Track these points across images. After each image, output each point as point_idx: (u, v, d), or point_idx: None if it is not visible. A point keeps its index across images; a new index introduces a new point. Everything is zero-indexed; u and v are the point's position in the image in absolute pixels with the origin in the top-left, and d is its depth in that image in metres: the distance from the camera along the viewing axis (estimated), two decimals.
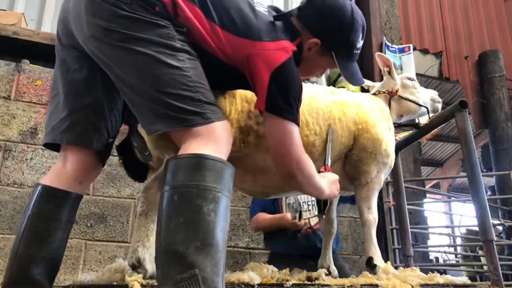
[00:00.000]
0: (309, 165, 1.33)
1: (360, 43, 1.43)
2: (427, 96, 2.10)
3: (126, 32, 1.13)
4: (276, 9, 1.43)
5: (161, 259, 1.00)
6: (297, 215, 2.44)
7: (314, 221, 2.48)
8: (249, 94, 1.57)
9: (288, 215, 2.46)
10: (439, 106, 2.15)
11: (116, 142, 1.42)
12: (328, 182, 1.50)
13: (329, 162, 1.63)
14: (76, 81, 1.29)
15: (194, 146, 1.09)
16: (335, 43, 1.39)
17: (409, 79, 2.10)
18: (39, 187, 1.28)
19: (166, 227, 1.01)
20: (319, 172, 1.53)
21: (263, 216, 2.58)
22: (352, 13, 1.38)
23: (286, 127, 1.25)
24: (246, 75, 1.28)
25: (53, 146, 1.35)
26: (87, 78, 1.28)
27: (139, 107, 1.17)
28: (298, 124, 1.29)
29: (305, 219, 2.48)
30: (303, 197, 2.57)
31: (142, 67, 1.13)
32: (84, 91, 1.29)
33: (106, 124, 1.34)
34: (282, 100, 1.24)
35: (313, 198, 2.46)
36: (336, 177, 1.57)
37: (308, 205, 2.55)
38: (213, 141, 1.11)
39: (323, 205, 1.62)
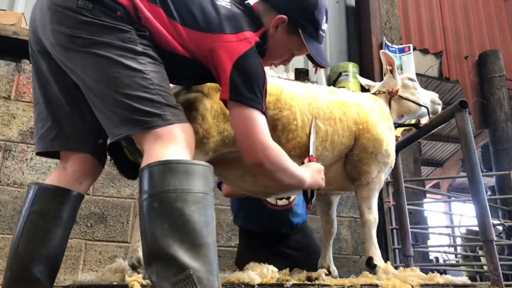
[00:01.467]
0: (278, 153, 1.32)
1: (324, 26, 1.46)
2: (427, 98, 2.10)
3: (88, 37, 1.15)
4: (239, 2, 1.44)
5: (154, 264, 1.00)
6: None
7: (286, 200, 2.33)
8: None
9: None
10: (439, 108, 2.14)
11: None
12: (311, 170, 1.48)
13: (312, 152, 1.61)
14: (53, 90, 1.31)
15: (156, 150, 1.09)
16: (302, 19, 1.41)
17: (410, 79, 2.10)
18: (38, 186, 1.29)
19: (151, 234, 1.01)
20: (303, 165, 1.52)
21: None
22: None
23: (250, 114, 1.25)
24: (211, 69, 1.29)
25: (46, 153, 1.37)
26: (62, 86, 1.29)
27: (103, 112, 1.18)
28: (264, 113, 1.29)
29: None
30: None
31: (104, 70, 1.14)
32: (62, 99, 1.31)
33: (91, 128, 1.35)
34: (246, 89, 1.24)
35: None
36: (320, 166, 1.55)
37: None
38: (174, 143, 1.11)
39: (310, 195, 1.58)
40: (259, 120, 1.26)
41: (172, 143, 1.11)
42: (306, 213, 2.44)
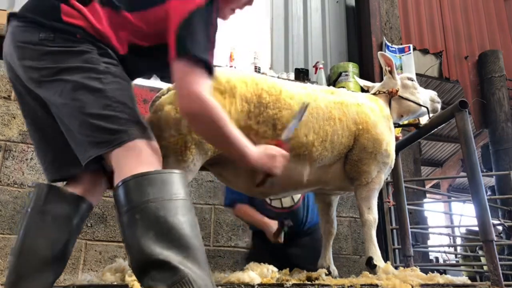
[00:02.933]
0: (218, 110, 1.21)
1: None
2: (426, 96, 2.11)
3: (53, 66, 1.17)
4: None
5: (147, 272, 1.00)
6: (282, 235, 2.16)
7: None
8: (249, 94, 1.58)
9: (273, 226, 2.20)
10: (439, 106, 2.15)
11: None
12: (263, 151, 1.34)
13: (285, 138, 1.47)
14: (44, 119, 1.30)
15: (127, 165, 1.10)
16: None
17: (409, 79, 2.10)
18: (44, 186, 1.28)
19: (138, 245, 1.01)
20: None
21: (250, 211, 2.29)
22: None
23: (192, 67, 1.18)
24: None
25: (58, 180, 1.37)
26: (48, 117, 1.28)
27: (74, 138, 1.19)
28: (209, 69, 1.20)
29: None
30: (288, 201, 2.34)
31: (69, 94, 1.15)
32: (55, 126, 1.28)
33: None
34: (191, 43, 1.19)
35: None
36: (281, 152, 1.39)
37: None
38: (144, 156, 1.12)
39: (261, 180, 1.44)
40: (200, 73, 1.18)
41: (141, 157, 1.12)
42: (317, 218, 2.42)
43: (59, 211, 1.26)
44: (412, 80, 2.10)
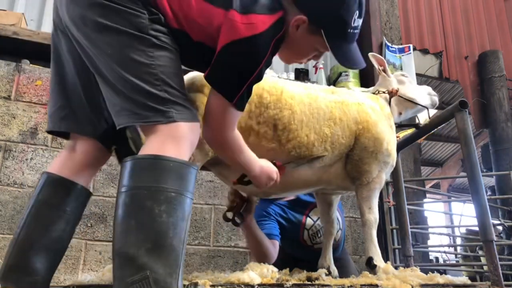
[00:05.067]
0: (236, 145, 1.32)
1: (356, 22, 1.25)
2: (424, 91, 2.14)
3: (99, 20, 1.12)
4: None
5: (114, 261, 1.00)
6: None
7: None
8: None
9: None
10: (436, 99, 2.18)
11: None
12: (265, 169, 1.47)
13: (289, 167, 1.58)
14: (70, 70, 1.29)
15: (151, 144, 1.09)
16: (323, 19, 1.24)
17: (403, 75, 2.15)
18: (46, 175, 1.29)
19: (118, 230, 1.01)
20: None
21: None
22: None
23: (220, 103, 1.20)
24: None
25: (55, 132, 1.35)
26: (81, 68, 1.26)
27: (109, 101, 1.17)
28: (238, 107, 1.21)
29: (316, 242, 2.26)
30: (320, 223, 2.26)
31: (110, 59, 1.13)
32: (77, 80, 1.29)
33: (103, 114, 1.32)
34: (227, 75, 1.18)
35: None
36: (275, 176, 1.51)
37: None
38: (172, 139, 1.09)
39: (246, 182, 1.55)
40: (226, 112, 1.21)
41: (169, 140, 1.08)
42: (344, 238, 2.41)
43: (53, 200, 1.26)
44: (406, 76, 2.15)
